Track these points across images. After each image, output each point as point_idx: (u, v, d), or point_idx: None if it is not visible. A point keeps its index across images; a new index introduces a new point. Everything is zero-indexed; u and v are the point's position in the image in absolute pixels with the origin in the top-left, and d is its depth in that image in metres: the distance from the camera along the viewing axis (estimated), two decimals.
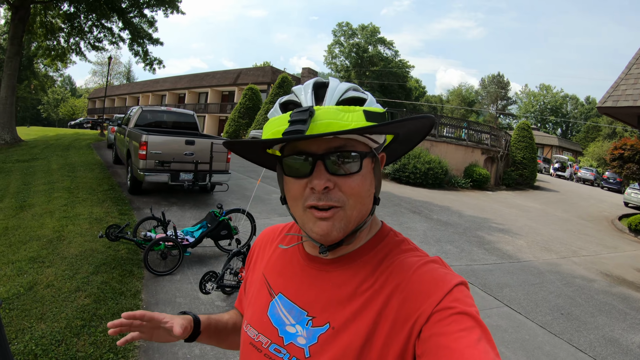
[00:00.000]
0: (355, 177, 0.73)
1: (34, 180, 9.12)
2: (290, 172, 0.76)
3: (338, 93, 0.73)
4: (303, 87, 0.76)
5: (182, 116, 10.04)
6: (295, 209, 0.77)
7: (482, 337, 0.61)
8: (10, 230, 5.57)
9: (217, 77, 37.29)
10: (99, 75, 68.79)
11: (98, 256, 4.72)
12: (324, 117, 0.67)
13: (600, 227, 12.53)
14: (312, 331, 0.76)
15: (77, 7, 18.70)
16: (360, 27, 53.69)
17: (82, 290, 3.87)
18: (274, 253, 0.94)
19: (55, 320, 3.31)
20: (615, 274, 7.17)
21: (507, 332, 4.26)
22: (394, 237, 0.83)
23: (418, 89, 64.21)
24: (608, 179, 29.03)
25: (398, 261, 0.76)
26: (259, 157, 0.90)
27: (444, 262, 0.78)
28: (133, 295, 3.94)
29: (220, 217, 4.96)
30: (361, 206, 0.75)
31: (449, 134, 18.28)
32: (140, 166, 7.20)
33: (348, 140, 0.72)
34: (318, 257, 0.83)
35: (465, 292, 0.69)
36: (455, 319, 0.63)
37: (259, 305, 0.87)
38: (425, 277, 0.71)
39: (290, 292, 0.83)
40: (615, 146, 13.76)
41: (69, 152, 14.63)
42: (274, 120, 0.73)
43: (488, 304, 4.96)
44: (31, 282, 3.93)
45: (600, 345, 4.28)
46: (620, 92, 9.78)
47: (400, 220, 8.72)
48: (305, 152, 0.73)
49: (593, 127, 59.94)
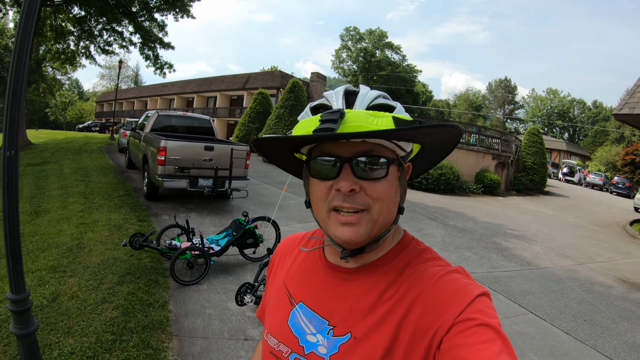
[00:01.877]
0: (381, 182, 0.73)
1: (47, 184, 9.06)
2: (317, 174, 0.76)
3: (368, 99, 0.74)
4: (334, 93, 0.77)
5: (198, 121, 9.98)
6: (319, 211, 0.77)
7: (503, 349, 0.60)
8: (26, 237, 5.46)
9: (225, 82, 37.41)
10: (106, 78, 69.32)
11: (121, 265, 4.61)
12: (354, 119, 0.68)
13: (612, 233, 12.52)
14: (333, 341, 0.75)
15: (87, 10, 18.69)
16: (367, 32, 53.78)
17: (108, 301, 3.75)
18: (294, 261, 0.94)
19: (83, 334, 3.19)
20: (632, 280, 7.21)
21: (535, 339, 4.27)
22: (416, 246, 0.83)
23: (425, 94, 64.08)
24: (617, 184, 28.97)
25: (419, 271, 0.76)
26: (286, 161, 0.90)
27: (467, 272, 0.76)
28: (161, 306, 3.82)
29: (247, 226, 4.85)
30: (387, 212, 0.75)
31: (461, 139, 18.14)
32: (159, 172, 7.11)
33: (376, 146, 0.73)
34: (340, 265, 0.83)
35: (487, 303, 0.68)
36: (476, 330, 0.62)
37: (280, 314, 0.87)
38: (447, 287, 0.70)
39: (311, 301, 0.83)
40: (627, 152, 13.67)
41: (80, 155, 14.61)
42: (304, 122, 0.74)
43: (513, 311, 4.97)
44: (54, 293, 3.81)
45: (624, 351, 4.29)
46: (636, 99, 9.62)
47: (417, 227, 8.68)
48: (333, 154, 0.73)
49: (601, 132, 59.69)
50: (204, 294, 4.30)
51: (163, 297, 4.03)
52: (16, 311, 2.03)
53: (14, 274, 1.97)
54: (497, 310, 0.68)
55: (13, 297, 2.00)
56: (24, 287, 2.03)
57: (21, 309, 2.03)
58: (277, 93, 29.76)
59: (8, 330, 2.22)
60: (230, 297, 4.22)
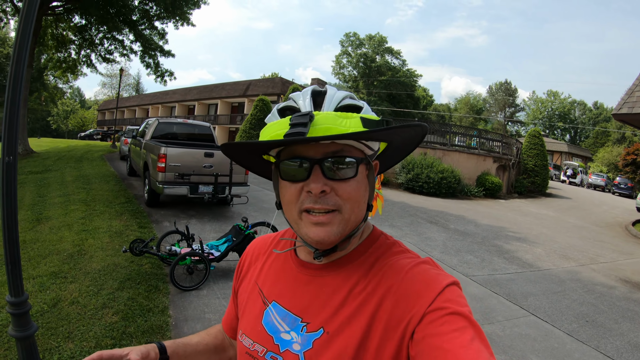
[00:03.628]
0: (351, 182, 0.74)
1: (49, 192, 9.09)
2: (287, 177, 0.76)
3: (336, 100, 0.75)
4: (301, 94, 0.78)
5: (198, 128, 10.01)
6: (291, 213, 0.77)
7: (475, 336, 0.61)
8: (28, 243, 5.49)
9: (226, 89, 37.56)
10: (108, 87, 69.74)
11: (122, 271, 4.63)
12: (324, 122, 0.68)
13: (615, 234, 12.50)
14: (307, 337, 0.76)
15: (88, 19, 18.84)
16: (367, 37, 53.99)
17: (108, 307, 3.77)
18: (266, 261, 0.94)
19: (83, 339, 3.21)
20: (635, 280, 7.18)
21: (537, 341, 4.26)
22: (385, 240, 0.84)
23: (426, 98, 64.17)
24: (619, 185, 29.02)
25: (390, 263, 0.76)
26: (254, 164, 0.91)
27: (436, 263, 0.78)
28: (161, 311, 3.84)
29: (246, 231, 4.86)
30: (357, 211, 0.76)
31: (461, 143, 18.19)
32: (159, 179, 7.14)
33: (345, 146, 0.74)
34: (310, 262, 0.84)
35: (457, 292, 0.69)
36: (447, 319, 0.63)
37: (253, 314, 0.87)
38: (417, 278, 0.71)
39: (284, 299, 0.83)
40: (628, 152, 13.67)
41: (81, 163, 14.67)
42: (272, 125, 0.74)
43: (514, 313, 4.94)
44: (55, 299, 3.83)
45: (627, 352, 4.27)
46: (635, 98, 9.64)
47: (418, 231, 8.67)
48: (303, 156, 0.73)
49: (602, 133, 59.62)
50: (204, 299, 4.31)
51: (163, 303, 4.04)
52: (15, 313, 2.05)
53: (13, 277, 1.99)
54: (498, 313, 0.69)
55: (12, 299, 2.03)
56: (23, 290, 2.06)
57: (20, 311, 2.06)
58: (278, 99, 29.87)
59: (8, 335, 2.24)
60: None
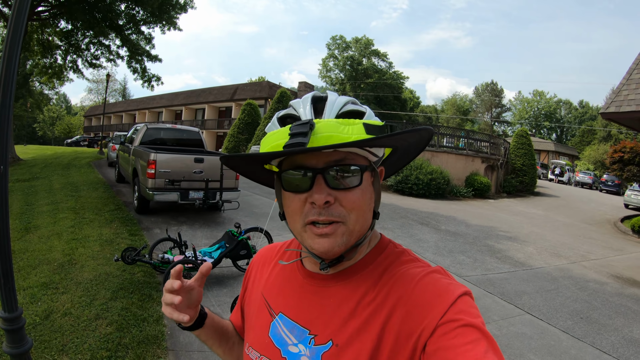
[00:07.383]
0: (355, 191, 0.72)
1: (37, 200, 8.96)
2: (289, 187, 0.74)
3: (337, 106, 0.72)
4: (301, 101, 0.75)
5: (187, 133, 9.95)
6: (295, 225, 0.75)
7: (489, 349, 0.60)
8: (17, 253, 5.38)
9: (213, 93, 37.39)
10: (94, 92, 68.94)
11: (114, 280, 4.57)
12: (325, 130, 0.66)
13: (604, 230, 12.70)
14: (315, 350, 0.74)
15: (74, 24, 18.57)
16: (354, 40, 54.27)
17: (102, 317, 3.72)
18: (272, 272, 0.92)
19: (78, 351, 3.15)
20: (626, 275, 7.32)
21: (533, 339, 4.30)
22: (393, 249, 0.81)
23: (413, 100, 64.51)
24: (606, 182, 29.56)
25: (399, 273, 0.74)
26: (255, 173, 0.88)
27: (446, 271, 0.76)
28: (156, 321, 3.79)
29: (239, 237, 4.83)
30: (363, 220, 0.74)
31: (449, 144, 18.32)
32: (149, 185, 7.07)
33: (348, 154, 0.71)
34: (317, 273, 0.81)
35: (469, 303, 0.68)
36: (460, 331, 0.62)
37: (260, 326, 0.85)
38: (428, 288, 0.69)
39: (291, 311, 0.81)
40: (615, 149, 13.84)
41: (69, 170, 14.48)
42: (272, 134, 0.71)
43: (509, 312, 4.99)
44: (47, 310, 3.77)
45: (622, 347, 4.35)
46: (622, 97, 9.79)
47: (410, 232, 8.71)
48: (305, 166, 0.71)
49: (588, 131, 60.38)
50: None
51: (157, 312, 3.99)
52: (9, 329, 2.00)
53: (6, 292, 1.95)
54: (493, 313, 0.68)
55: (5, 315, 1.98)
56: (17, 305, 2.01)
57: (14, 327, 2.01)
58: (265, 103, 29.85)
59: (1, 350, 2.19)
60: (225, 309, 4.20)
